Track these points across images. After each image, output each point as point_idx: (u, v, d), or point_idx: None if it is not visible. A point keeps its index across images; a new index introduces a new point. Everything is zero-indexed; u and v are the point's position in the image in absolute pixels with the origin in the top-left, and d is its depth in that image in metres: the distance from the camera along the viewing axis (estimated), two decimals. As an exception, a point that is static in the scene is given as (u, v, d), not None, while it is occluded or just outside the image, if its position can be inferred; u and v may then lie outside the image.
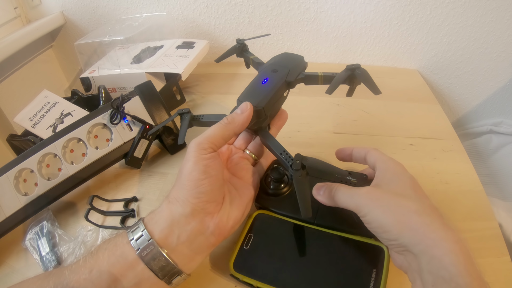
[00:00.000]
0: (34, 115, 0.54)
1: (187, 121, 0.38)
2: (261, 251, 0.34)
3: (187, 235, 0.29)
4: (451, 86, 0.74)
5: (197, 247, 0.30)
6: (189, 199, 0.30)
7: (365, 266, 0.31)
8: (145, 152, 0.49)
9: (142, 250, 0.28)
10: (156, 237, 0.29)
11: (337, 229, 0.34)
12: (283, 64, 0.40)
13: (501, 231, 0.37)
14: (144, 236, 0.29)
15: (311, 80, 0.39)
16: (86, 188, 0.49)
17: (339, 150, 0.39)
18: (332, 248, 0.33)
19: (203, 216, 0.30)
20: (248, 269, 0.32)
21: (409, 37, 0.69)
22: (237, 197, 0.33)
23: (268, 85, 0.37)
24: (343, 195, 0.31)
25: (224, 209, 0.31)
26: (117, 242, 0.29)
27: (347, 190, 0.31)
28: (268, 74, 0.38)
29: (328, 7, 0.68)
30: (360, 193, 0.30)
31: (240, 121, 0.33)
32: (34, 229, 0.42)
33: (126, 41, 0.66)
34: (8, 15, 0.75)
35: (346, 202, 0.30)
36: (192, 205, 0.29)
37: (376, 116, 0.57)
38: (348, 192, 0.31)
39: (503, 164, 0.64)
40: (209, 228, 0.30)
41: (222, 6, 0.72)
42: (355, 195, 0.30)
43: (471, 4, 0.62)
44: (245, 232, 0.35)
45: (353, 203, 0.30)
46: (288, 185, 0.38)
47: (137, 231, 0.29)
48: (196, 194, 0.30)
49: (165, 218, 0.30)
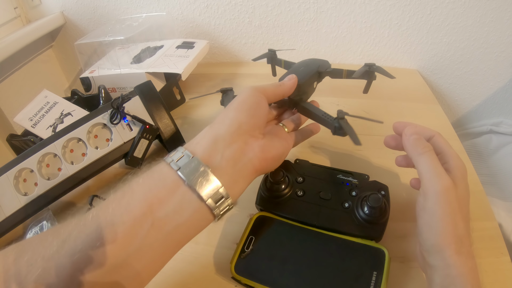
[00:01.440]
0: (34, 115, 0.54)
1: (231, 97, 0.43)
2: (262, 254, 0.33)
3: (231, 153, 0.28)
4: (451, 86, 0.74)
5: (241, 169, 0.29)
6: (239, 117, 0.30)
7: (365, 268, 0.31)
8: (145, 152, 0.49)
9: (183, 168, 0.26)
10: (199, 156, 0.27)
11: (338, 232, 0.34)
12: (313, 62, 0.47)
13: (501, 231, 0.37)
14: (185, 156, 0.27)
15: (337, 74, 0.45)
16: (86, 188, 0.49)
17: (399, 124, 0.35)
18: (333, 250, 0.33)
19: (248, 137, 0.30)
20: (249, 272, 0.32)
21: (409, 37, 0.69)
22: (277, 139, 0.34)
23: (304, 70, 0.43)
24: (428, 163, 0.29)
25: (267, 139, 0.32)
26: (153, 168, 0.27)
27: (436, 163, 0.29)
28: (303, 66, 0.45)
29: (328, 7, 0.68)
30: (441, 182, 0.28)
31: (288, 85, 0.37)
32: (34, 229, 0.42)
33: (126, 41, 0.66)
34: (8, 15, 0.75)
35: (426, 171, 0.29)
36: (240, 123, 0.29)
37: (376, 116, 0.57)
38: (434, 167, 0.29)
39: (503, 164, 0.64)
40: (254, 150, 0.30)
41: (222, 6, 0.72)
42: (437, 177, 0.28)
43: (471, 4, 0.62)
44: (246, 234, 0.35)
45: (429, 182, 0.28)
46: (289, 187, 0.38)
47: (176, 154, 0.27)
48: (247, 113, 0.30)
49: (208, 138, 0.29)
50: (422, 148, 0.30)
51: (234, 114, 0.30)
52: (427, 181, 0.29)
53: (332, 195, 0.37)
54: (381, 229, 0.33)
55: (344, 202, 0.36)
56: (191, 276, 0.36)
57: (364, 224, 0.34)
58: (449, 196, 0.27)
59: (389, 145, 0.36)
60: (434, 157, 0.30)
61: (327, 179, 0.39)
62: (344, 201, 0.36)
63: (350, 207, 0.35)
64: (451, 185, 0.28)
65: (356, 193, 0.37)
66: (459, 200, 0.28)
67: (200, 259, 0.37)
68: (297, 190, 0.38)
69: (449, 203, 0.27)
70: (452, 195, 0.28)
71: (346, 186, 0.38)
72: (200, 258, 0.37)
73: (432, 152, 0.30)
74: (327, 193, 0.37)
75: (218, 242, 0.39)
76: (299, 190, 0.38)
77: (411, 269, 0.34)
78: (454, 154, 0.31)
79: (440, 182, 0.28)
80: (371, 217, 0.33)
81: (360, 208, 0.34)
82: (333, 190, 0.37)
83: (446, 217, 0.27)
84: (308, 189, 0.38)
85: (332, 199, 0.37)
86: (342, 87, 0.60)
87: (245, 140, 0.30)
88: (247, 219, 0.38)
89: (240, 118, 0.30)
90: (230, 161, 0.28)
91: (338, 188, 0.38)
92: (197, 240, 0.39)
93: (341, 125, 0.35)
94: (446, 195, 0.27)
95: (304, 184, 0.39)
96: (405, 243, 0.36)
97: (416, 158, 0.30)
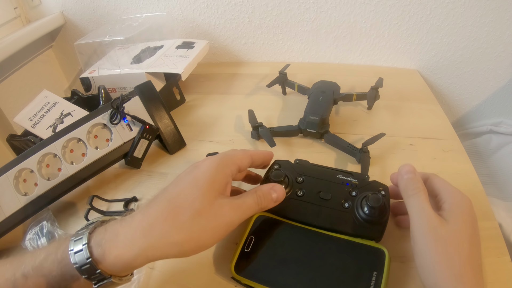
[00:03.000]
0: (34, 115, 0.54)
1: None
2: (262, 254, 0.33)
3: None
4: (451, 86, 0.74)
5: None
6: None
7: (365, 268, 0.31)
8: (145, 152, 0.49)
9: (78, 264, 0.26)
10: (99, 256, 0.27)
11: (338, 232, 0.34)
12: (326, 87, 0.56)
13: (501, 231, 0.37)
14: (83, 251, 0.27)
15: (348, 98, 0.56)
16: (86, 188, 0.49)
17: (394, 174, 0.35)
18: (333, 250, 0.33)
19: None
20: (249, 272, 0.32)
21: (409, 37, 0.69)
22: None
23: (324, 102, 0.53)
24: (416, 205, 0.29)
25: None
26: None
27: (424, 204, 0.29)
28: (320, 94, 0.54)
29: (328, 7, 0.68)
30: (425, 223, 0.28)
31: (269, 206, 0.33)
32: (34, 229, 0.42)
33: (126, 41, 0.66)
34: (8, 15, 0.75)
35: (412, 213, 0.29)
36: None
37: (376, 116, 0.57)
38: (421, 209, 0.29)
39: (503, 164, 0.64)
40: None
41: (222, 6, 0.72)
42: (422, 218, 0.28)
43: (471, 4, 0.62)
44: (246, 234, 0.35)
45: (415, 224, 0.28)
46: (289, 187, 0.38)
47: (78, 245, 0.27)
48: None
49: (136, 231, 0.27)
50: (411, 189, 0.30)
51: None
52: (414, 224, 0.28)
53: (332, 195, 0.37)
54: (381, 229, 0.33)
55: (344, 202, 0.36)
56: (191, 276, 0.36)
57: (364, 224, 0.34)
58: (435, 235, 0.27)
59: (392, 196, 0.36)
60: (423, 198, 0.29)
61: (327, 179, 0.39)
62: (344, 201, 0.36)
63: (350, 207, 0.35)
64: (437, 224, 0.27)
65: (356, 193, 0.37)
66: (453, 237, 0.27)
67: (200, 259, 0.37)
68: (297, 190, 0.38)
69: (436, 242, 0.27)
70: (441, 233, 0.27)
71: (346, 186, 0.38)
72: (200, 258, 0.37)
73: (422, 193, 0.30)
74: (327, 193, 0.37)
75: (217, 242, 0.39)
76: (299, 190, 0.38)
77: (411, 269, 0.34)
78: (453, 190, 0.30)
79: (425, 223, 0.28)
80: (371, 217, 0.33)
81: (360, 208, 0.34)
82: (333, 190, 0.37)
83: (436, 257, 0.26)
84: (308, 189, 0.38)
85: (332, 199, 0.36)
86: (342, 88, 0.60)
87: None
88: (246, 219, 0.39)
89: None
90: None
91: (338, 188, 0.38)
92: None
93: (361, 157, 0.45)
94: (433, 235, 0.27)
95: (304, 184, 0.38)
96: (405, 243, 0.36)
97: (407, 200, 0.30)
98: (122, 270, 0.27)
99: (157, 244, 0.26)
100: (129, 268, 0.27)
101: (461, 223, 0.28)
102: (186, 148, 0.54)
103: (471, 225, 0.28)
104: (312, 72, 0.72)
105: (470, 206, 0.29)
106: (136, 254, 0.26)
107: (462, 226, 0.28)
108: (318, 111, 0.50)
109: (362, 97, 0.56)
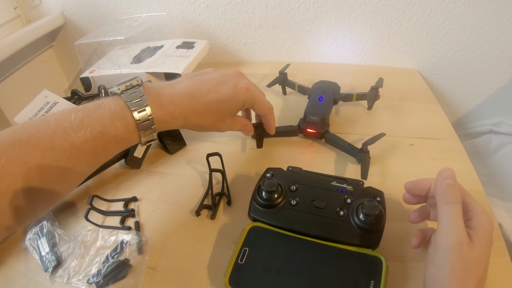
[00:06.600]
0: (34, 115, 0.54)
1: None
2: (256, 265, 0.33)
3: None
4: (451, 86, 0.74)
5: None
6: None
7: (363, 277, 0.30)
8: (145, 152, 0.49)
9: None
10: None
11: (334, 241, 0.34)
12: (326, 88, 0.57)
13: (501, 231, 0.37)
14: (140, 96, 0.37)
15: (348, 98, 0.57)
16: (86, 188, 0.49)
17: (411, 184, 0.34)
18: (329, 260, 0.32)
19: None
20: (244, 284, 0.31)
21: (409, 37, 0.69)
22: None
23: (324, 102, 0.53)
24: (450, 215, 0.28)
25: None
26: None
27: (458, 216, 0.28)
28: (320, 94, 0.54)
29: (328, 7, 0.68)
30: (455, 237, 0.27)
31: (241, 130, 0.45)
32: (34, 229, 0.42)
33: (126, 41, 0.66)
34: (8, 15, 0.75)
35: (445, 222, 0.28)
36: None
37: (376, 116, 0.57)
38: (454, 220, 0.28)
39: (503, 164, 0.64)
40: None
41: (222, 6, 0.72)
42: (453, 231, 0.27)
43: (471, 4, 0.62)
44: (239, 246, 0.34)
45: (444, 234, 0.28)
46: (282, 196, 0.37)
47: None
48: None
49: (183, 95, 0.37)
50: (450, 197, 0.29)
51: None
52: (442, 233, 0.28)
53: (327, 203, 0.36)
54: (377, 237, 0.33)
55: (339, 210, 0.35)
56: (191, 276, 0.36)
57: (360, 232, 0.33)
58: (461, 253, 0.26)
59: (408, 201, 0.35)
60: (459, 210, 0.28)
61: (321, 187, 0.38)
62: (339, 209, 0.35)
63: (346, 215, 0.35)
64: (466, 242, 0.27)
65: (351, 201, 0.36)
66: (474, 260, 0.26)
67: (199, 259, 0.37)
68: (291, 199, 0.37)
69: (460, 260, 0.26)
70: (466, 253, 0.26)
71: (341, 193, 0.37)
72: (199, 258, 0.37)
73: (459, 205, 0.29)
74: (321, 202, 0.36)
75: (216, 242, 0.39)
76: (292, 199, 0.37)
77: (411, 269, 0.34)
78: (482, 211, 0.30)
79: (455, 237, 0.27)
80: (367, 225, 0.33)
81: (355, 216, 0.34)
82: (327, 198, 0.37)
83: (454, 274, 0.26)
84: (301, 197, 0.37)
85: (326, 208, 0.36)
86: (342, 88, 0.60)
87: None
88: (246, 218, 0.39)
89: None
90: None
91: (332, 196, 0.37)
92: (196, 239, 0.39)
93: (361, 157, 0.44)
94: (458, 252, 0.26)
95: (298, 192, 0.38)
96: (405, 243, 0.36)
97: (441, 206, 0.29)
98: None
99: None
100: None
101: (483, 246, 0.28)
102: (186, 148, 0.54)
103: (489, 249, 0.28)
104: (312, 72, 0.72)
105: (492, 229, 0.29)
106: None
107: (483, 251, 0.27)
108: (318, 111, 0.50)
109: (362, 97, 0.56)
